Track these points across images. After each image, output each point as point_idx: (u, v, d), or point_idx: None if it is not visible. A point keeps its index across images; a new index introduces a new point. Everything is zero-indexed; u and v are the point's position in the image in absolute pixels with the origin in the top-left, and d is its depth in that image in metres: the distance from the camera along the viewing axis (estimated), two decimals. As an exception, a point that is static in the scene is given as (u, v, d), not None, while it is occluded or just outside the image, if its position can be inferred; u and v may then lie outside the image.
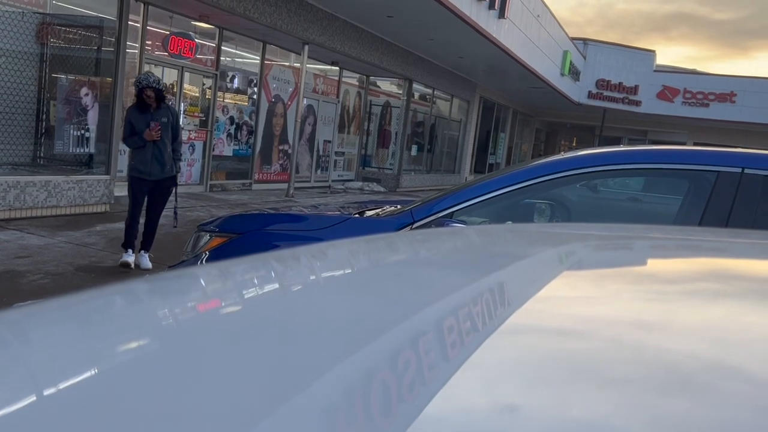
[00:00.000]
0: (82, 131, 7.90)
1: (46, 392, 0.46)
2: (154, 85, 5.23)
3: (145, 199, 5.41)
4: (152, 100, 5.23)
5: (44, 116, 7.66)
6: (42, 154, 7.83)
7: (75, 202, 7.56)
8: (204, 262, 2.86)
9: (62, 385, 0.47)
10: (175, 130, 5.42)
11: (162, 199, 5.47)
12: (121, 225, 7.28)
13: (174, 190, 5.53)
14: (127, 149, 9.30)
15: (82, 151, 7.98)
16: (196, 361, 0.53)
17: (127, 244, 5.42)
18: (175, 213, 5.62)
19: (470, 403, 0.44)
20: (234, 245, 2.88)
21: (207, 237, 3.05)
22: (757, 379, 0.49)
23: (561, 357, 0.53)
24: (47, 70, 7.60)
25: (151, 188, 5.37)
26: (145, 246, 5.47)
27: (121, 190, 9.03)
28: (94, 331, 0.64)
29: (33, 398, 0.46)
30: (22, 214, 6.94)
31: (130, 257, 5.39)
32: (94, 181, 7.82)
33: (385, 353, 0.54)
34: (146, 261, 5.45)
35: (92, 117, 7.99)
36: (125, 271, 5.29)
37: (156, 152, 5.25)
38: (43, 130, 7.70)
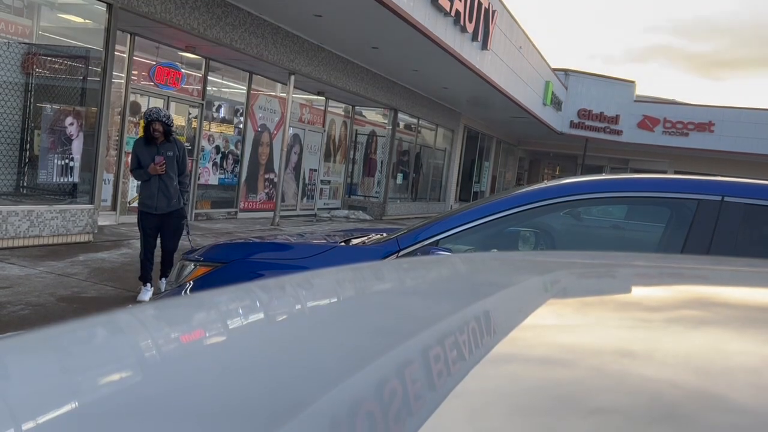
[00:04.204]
0: (67, 160, 7.86)
1: (25, 427, 0.46)
2: (163, 119, 5.23)
3: (158, 233, 5.40)
4: (159, 134, 5.23)
5: (28, 145, 7.61)
6: (25, 184, 7.75)
7: (58, 231, 7.48)
8: (188, 291, 2.83)
9: (41, 419, 0.46)
10: (182, 164, 5.43)
11: (173, 234, 5.44)
12: (105, 255, 7.28)
13: (185, 224, 5.51)
14: (111, 178, 9.34)
15: (66, 180, 7.93)
16: (179, 393, 0.52)
17: (143, 278, 5.42)
18: (190, 243, 5.51)
19: (456, 434, 0.44)
20: (219, 274, 2.86)
21: (191, 266, 3.02)
22: (740, 408, 0.50)
23: (546, 386, 0.53)
24: (32, 100, 7.58)
25: (160, 222, 5.35)
26: (164, 273, 5.44)
27: (105, 220, 8.97)
28: (75, 363, 0.63)
29: (12, 433, 0.45)
30: (4, 244, 6.85)
31: (146, 294, 5.35)
32: (78, 211, 7.75)
33: (371, 383, 0.54)
34: (163, 286, 5.46)
35: (77, 146, 7.95)
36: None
37: (161, 186, 5.25)
38: (27, 160, 7.64)
